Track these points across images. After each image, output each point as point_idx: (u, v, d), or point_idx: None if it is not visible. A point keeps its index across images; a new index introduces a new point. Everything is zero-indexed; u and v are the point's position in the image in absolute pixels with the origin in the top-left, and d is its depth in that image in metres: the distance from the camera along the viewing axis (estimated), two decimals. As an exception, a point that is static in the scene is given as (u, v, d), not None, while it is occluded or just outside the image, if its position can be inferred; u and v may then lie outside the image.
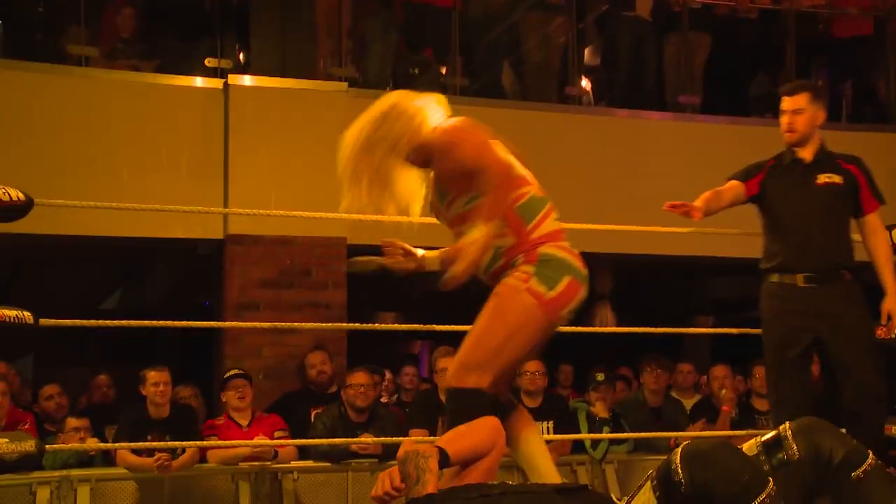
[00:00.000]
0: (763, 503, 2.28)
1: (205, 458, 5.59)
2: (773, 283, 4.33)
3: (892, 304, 4.21)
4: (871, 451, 2.57)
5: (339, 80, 7.09)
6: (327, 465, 5.67)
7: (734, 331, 5.28)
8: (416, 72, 7.76)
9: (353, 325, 5.47)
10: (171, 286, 9.67)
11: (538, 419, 5.72)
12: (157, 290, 10.03)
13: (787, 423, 2.63)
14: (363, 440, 5.53)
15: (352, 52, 7.47)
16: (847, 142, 8.11)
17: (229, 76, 6.78)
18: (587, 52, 8.44)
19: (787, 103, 4.33)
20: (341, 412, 5.86)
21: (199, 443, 5.37)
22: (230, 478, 5.52)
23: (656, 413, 6.52)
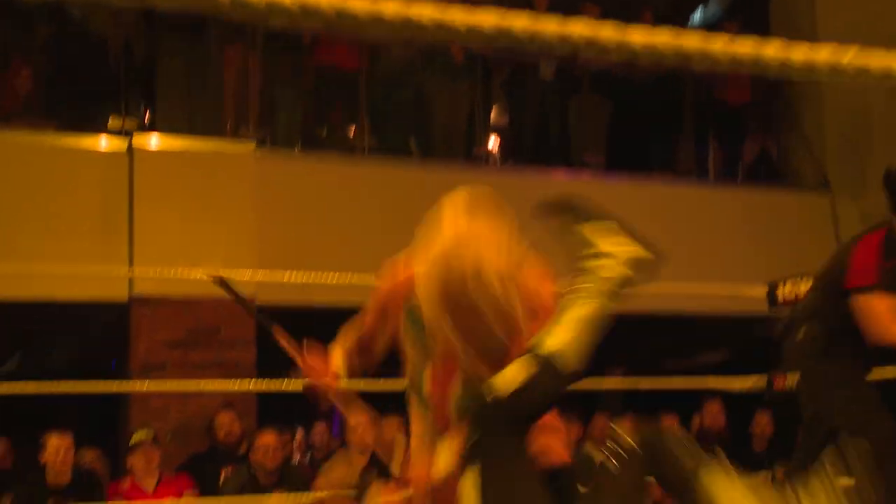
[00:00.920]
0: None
1: (110, 525, 5.47)
2: None
3: None
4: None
5: (247, 140, 7.11)
6: (236, 527, 5.60)
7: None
8: (325, 133, 7.80)
9: (260, 385, 5.44)
10: (76, 347, 9.45)
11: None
12: (60, 352, 9.79)
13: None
14: (274, 499, 5.47)
15: (259, 113, 7.48)
16: (743, 200, 8.47)
17: (134, 136, 6.73)
18: (493, 111, 8.58)
19: None
20: (251, 473, 5.80)
21: (102, 510, 5.26)
22: (136, 544, 5.42)
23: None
